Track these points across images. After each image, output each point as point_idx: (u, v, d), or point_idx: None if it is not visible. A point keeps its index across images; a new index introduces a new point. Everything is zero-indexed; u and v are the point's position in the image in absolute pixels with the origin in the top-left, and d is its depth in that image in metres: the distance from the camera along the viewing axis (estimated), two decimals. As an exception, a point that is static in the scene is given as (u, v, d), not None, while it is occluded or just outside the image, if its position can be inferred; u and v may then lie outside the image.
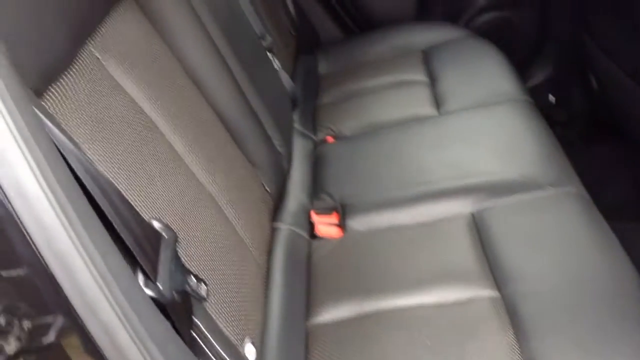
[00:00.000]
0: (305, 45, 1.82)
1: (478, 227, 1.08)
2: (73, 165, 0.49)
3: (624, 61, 1.53)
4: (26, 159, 0.42)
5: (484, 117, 1.37)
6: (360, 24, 1.96)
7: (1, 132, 0.42)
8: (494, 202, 1.12)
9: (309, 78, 1.71)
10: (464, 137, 1.31)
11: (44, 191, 0.42)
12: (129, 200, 0.59)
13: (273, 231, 1.09)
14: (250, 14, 1.30)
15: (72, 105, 0.63)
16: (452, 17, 1.92)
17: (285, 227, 1.12)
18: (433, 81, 1.56)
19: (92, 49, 0.72)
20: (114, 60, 0.75)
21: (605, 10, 1.58)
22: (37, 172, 0.42)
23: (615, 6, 1.50)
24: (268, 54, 1.35)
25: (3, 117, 0.42)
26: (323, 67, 1.80)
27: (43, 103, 0.59)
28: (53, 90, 0.61)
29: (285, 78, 1.41)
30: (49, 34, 0.62)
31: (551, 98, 2.02)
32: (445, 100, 1.47)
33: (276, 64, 1.36)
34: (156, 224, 0.60)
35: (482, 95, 1.45)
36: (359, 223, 1.16)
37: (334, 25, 1.92)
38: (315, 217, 1.18)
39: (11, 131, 0.42)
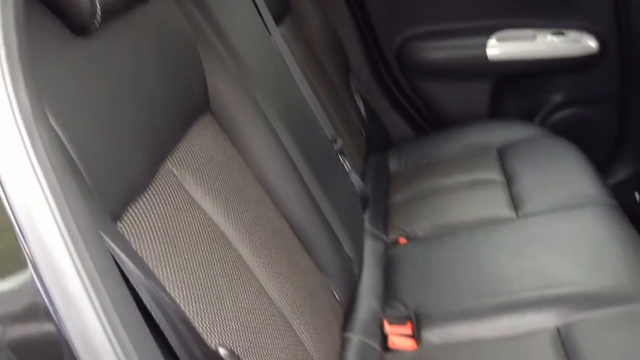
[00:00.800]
0: (375, 144, 1.83)
1: (564, 343, 1.00)
2: (141, 295, 0.49)
3: None
4: (94, 305, 0.41)
5: (565, 222, 1.30)
6: (431, 122, 1.96)
7: (69, 272, 0.42)
8: (580, 315, 1.03)
9: (379, 177, 1.70)
10: (545, 243, 1.24)
11: (110, 341, 0.41)
12: (196, 327, 0.57)
13: (343, 342, 1.04)
14: (321, 118, 1.32)
15: (147, 225, 0.63)
16: (526, 114, 1.89)
17: (355, 337, 1.07)
18: (509, 181, 1.51)
19: (170, 166, 0.74)
20: (190, 175, 0.77)
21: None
22: (105, 322, 0.41)
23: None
24: (339, 156, 1.35)
25: (70, 254, 0.42)
26: (394, 165, 1.79)
27: (120, 225, 0.60)
28: (131, 211, 0.62)
29: (355, 179, 1.40)
30: (130, 156, 0.64)
31: (637, 196, 1.91)
32: (524, 202, 1.41)
33: (347, 165, 1.36)
34: (222, 351, 0.58)
35: (563, 197, 1.38)
36: (434, 335, 1.09)
37: (404, 124, 1.93)
38: (387, 328, 1.13)
39: (78, 272, 0.41)
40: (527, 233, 1.30)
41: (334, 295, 1.04)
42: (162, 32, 0.81)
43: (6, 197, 0.41)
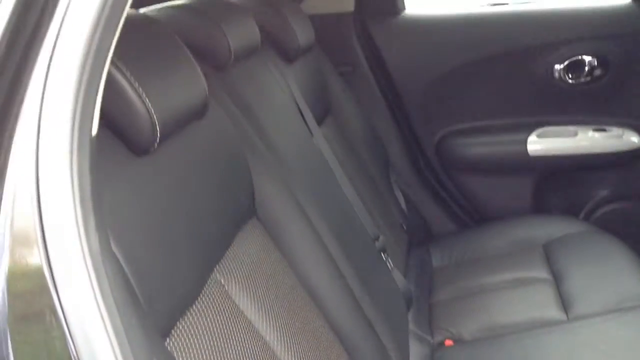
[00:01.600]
0: (417, 238, 1.82)
1: None
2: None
3: None
4: None
5: (620, 325, 1.24)
6: (473, 216, 1.95)
7: None
8: None
9: (422, 273, 1.67)
10: (598, 349, 1.19)
11: None
12: None
13: None
14: (363, 215, 1.33)
15: (195, 341, 0.63)
16: (570, 209, 1.86)
17: None
18: (558, 279, 1.47)
19: (218, 276, 0.75)
20: (237, 284, 0.77)
21: None
22: None
23: None
24: (382, 255, 1.34)
25: None
26: (437, 260, 1.76)
27: (168, 341, 0.60)
28: (180, 327, 0.63)
29: (398, 277, 1.38)
30: (181, 270, 0.65)
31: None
32: (573, 303, 1.36)
33: (390, 263, 1.35)
34: None
35: (616, 298, 1.33)
36: None
37: (446, 218, 1.92)
38: None
39: None
40: (578, 337, 1.24)
41: (380, 404, 1.00)
42: (212, 143, 0.84)
43: (69, 331, 0.42)
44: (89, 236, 0.42)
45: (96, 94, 0.42)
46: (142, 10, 0.98)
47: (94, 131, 0.44)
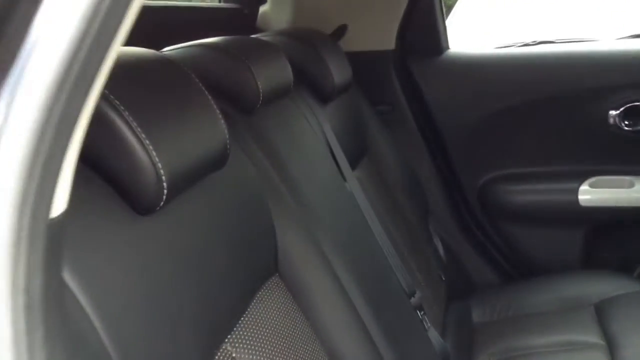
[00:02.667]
0: (457, 291, 1.70)
1: None
2: None
3: None
4: None
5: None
6: (518, 268, 1.82)
7: None
8: None
9: (461, 331, 1.55)
10: None
11: None
12: None
13: None
14: (398, 267, 1.23)
15: None
16: (624, 266, 1.72)
17: None
18: (611, 346, 1.33)
19: (229, 347, 0.66)
20: (251, 354, 0.68)
21: None
22: None
23: None
24: (418, 313, 1.24)
25: None
26: (478, 316, 1.63)
27: None
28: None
29: (435, 337, 1.27)
30: (184, 349, 0.56)
31: None
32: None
33: (426, 322, 1.24)
34: None
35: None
36: None
37: (488, 269, 1.79)
38: None
39: None
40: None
41: None
42: (231, 195, 0.76)
43: None
44: (33, 356, 0.33)
45: (60, 166, 0.33)
46: (165, 50, 0.93)
47: (57, 211, 0.35)
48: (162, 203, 0.56)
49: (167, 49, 0.93)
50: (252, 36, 1.30)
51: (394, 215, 1.52)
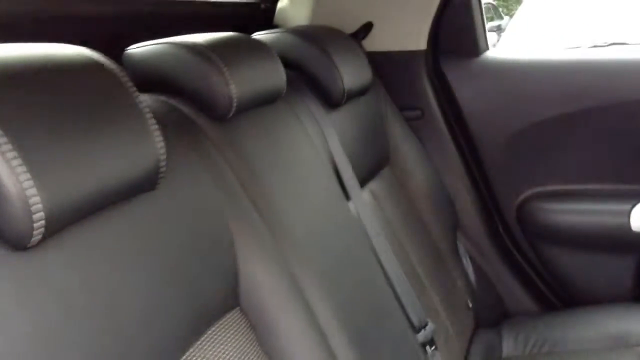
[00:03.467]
0: (487, 318, 1.53)
1: None
2: None
3: None
4: None
5: None
6: (559, 296, 1.63)
7: None
8: None
9: (488, 362, 1.39)
10: None
11: None
12: None
13: None
14: (407, 299, 1.09)
15: None
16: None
17: None
18: (658, 398, 1.15)
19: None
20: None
21: None
22: None
23: None
24: (426, 349, 1.10)
25: None
26: (508, 347, 1.47)
27: None
28: None
29: (447, 376, 1.13)
30: None
31: None
32: None
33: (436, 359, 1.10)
34: None
35: None
36: None
37: (524, 295, 1.61)
38: None
39: None
40: None
41: None
42: (174, 217, 0.65)
43: None
44: None
45: None
46: (130, 48, 0.83)
47: None
48: (35, 239, 0.46)
49: (132, 47, 0.84)
50: (256, 33, 1.19)
51: (415, 234, 1.38)
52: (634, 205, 1.47)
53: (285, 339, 0.75)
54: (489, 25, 2.06)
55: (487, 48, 1.59)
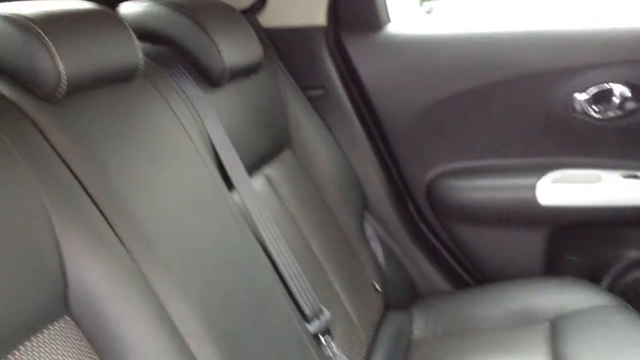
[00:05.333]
0: (398, 300, 1.50)
1: None
2: None
3: None
4: None
5: None
6: (471, 274, 1.61)
7: None
8: None
9: (396, 346, 1.35)
10: None
11: None
12: None
13: None
14: (300, 289, 1.03)
15: None
16: (591, 274, 1.51)
17: None
18: (561, 375, 1.13)
19: None
20: None
21: None
22: None
23: None
24: (321, 338, 1.04)
25: None
26: (418, 328, 1.44)
27: None
28: None
29: (343, 365, 1.07)
30: None
31: None
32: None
33: (330, 349, 1.05)
34: None
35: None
36: None
37: (437, 275, 1.58)
38: None
39: None
40: None
41: None
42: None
43: None
44: None
45: None
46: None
47: None
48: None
49: None
50: (124, 4, 1.09)
51: (317, 219, 1.32)
52: (539, 179, 1.46)
53: (133, 352, 0.67)
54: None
55: (389, 21, 1.53)
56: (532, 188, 1.46)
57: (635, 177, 1.42)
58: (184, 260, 0.77)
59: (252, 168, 1.16)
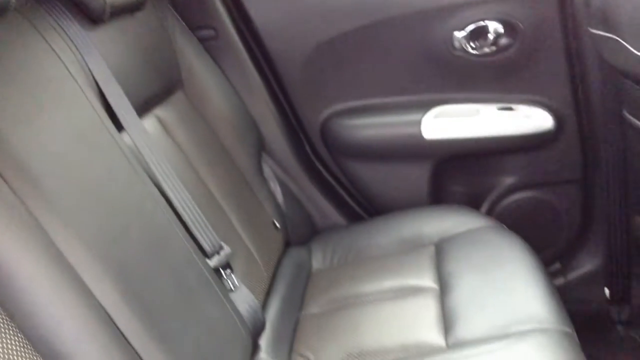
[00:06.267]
0: (298, 236, 1.56)
1: None
2: None
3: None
4: None
5: (504, 357, 1.02)
6: (366, 208, 1.69)
7: None
8: None
9: (297, 278, 1.41)
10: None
11: None
12: None
13: None
14: (198, 226, 1.05)
15: None
16: (472, 200, 1.63)
17: None
18: (444, 290, 1.24)
19: None
20: None
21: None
22: None
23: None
24: (222, 272, 1.07)
25: None
26: (317, 261, 1.51)
27: None
28: None
29: (244, 297, 1.11)
30: None
31: (607, 292, 1.64)
32: (456, 322, 1.13)
33: (230, 283, 1.08)
34: None
35: (503, 319, 1.10)
36: None
37: (333, 211, 1.66)
38: None
39: None
40: (453, 374, 1.01)
41: None
42: None
43: None
44: None
45: None
46: None
47: None
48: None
49: None
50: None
51: (213, 160, 1.33)
52: (424, 115, 1.55)
53: (25, 290, 0.67)
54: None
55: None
56: (418, 123, 1.55)
57: (510, 109, 1.54)
58: (72, 197, 0.77)
59: (142, 109, 1.15)
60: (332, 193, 1.66)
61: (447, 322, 1.15)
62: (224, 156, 1.39)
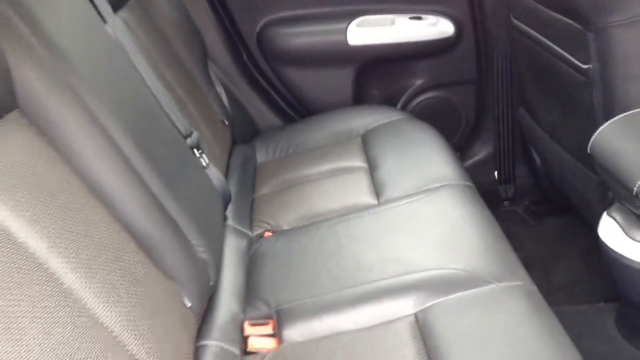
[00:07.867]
0: (242, 135, 1.77)
1: (422, 330, 1.00)
2: None
3: (562, 137, 1.52)
4: None
5: (423, 206, 1.31)
6: (298, 109, 1.93)
7: None
8: (436, 301, 1.04)
9: (246, 169, 1.64)
10: (404, 229, 1.25)
11: None
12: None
13: (197, 351, 0.98)
14: (172, 110, 1.23)
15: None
16: (389, 99, 1.91)
17: (213, 344, 1.01)
18: (372, 167, 1.52)
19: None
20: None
21: (540, 89, 1.59)
22: None
23: (549, 84, 1.51)
24: (194, 151, 1.28)
25: None
26: (261, 156, 1.74)
27: None
28: None
29: (215, 174, 1.33)
30: None
31: (496, 175, 2.00)
32: (385, 187, 1.42)
33: (204, 160, 1.29)
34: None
35: (421, 181, 1.40)
36: (296, 331, 1.06)
37: (270, 112, 1.88)
38: (248, 329, 1.08)
39: None
40: (387, 220, 1.30)
41: (184, 303, 0.97)
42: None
43: None
44: None
45: None
46: None
47: None
48: None
49: None
50: None
51: (168, 60, 1.49)
52: (349, 24, 1.78)
53: (70, 139, 0.85)
54: None
55: None
56: (343, 31, 1.78)
57: (419, 18, 1.81)
58: (92, 70, 0.94)
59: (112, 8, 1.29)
60: (269, 98, 1.88)
61: (377, 189, 1.43)
62: (176, 57, 1.55)
